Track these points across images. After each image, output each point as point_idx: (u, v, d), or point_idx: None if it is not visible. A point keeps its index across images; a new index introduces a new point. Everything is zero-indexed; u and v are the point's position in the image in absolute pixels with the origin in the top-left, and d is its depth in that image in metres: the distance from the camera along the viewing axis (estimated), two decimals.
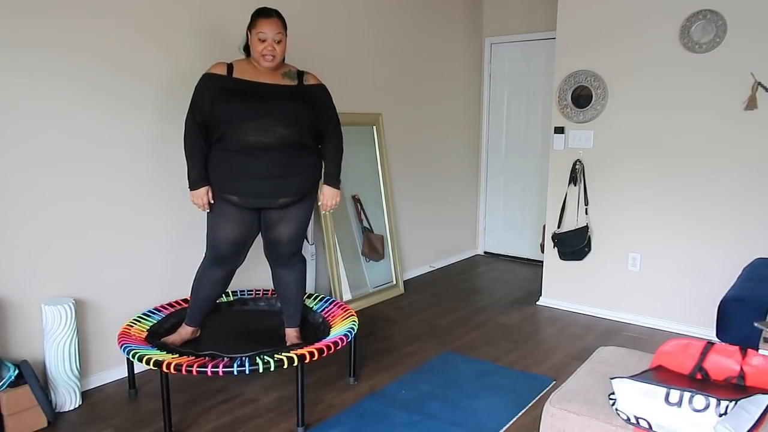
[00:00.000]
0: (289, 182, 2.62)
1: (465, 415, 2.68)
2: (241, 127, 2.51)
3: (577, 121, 4.00)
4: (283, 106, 2.56)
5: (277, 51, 2.56)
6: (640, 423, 1.68)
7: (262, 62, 2.57)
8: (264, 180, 2.57)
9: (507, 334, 3.72)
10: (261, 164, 2.55)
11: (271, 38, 2.54)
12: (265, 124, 2.51)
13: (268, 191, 2.59)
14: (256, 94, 2.56)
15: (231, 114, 2.51)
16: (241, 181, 2.57)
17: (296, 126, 2.58)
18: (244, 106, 2.52)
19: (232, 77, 2.58)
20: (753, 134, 3.41)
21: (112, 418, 2.69)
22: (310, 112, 2.63)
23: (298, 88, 2.65)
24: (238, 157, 2.55)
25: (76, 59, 2.73)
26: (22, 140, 2.61)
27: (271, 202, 2.63)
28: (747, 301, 2.44)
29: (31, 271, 2.69)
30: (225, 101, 2.52)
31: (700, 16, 3.47)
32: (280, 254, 2.79)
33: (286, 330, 2.88)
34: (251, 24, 2.59)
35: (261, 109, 2.53)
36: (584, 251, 4.03)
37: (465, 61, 5.33)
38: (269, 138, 2.53)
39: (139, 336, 2.72)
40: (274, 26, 2.54)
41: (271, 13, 2.58)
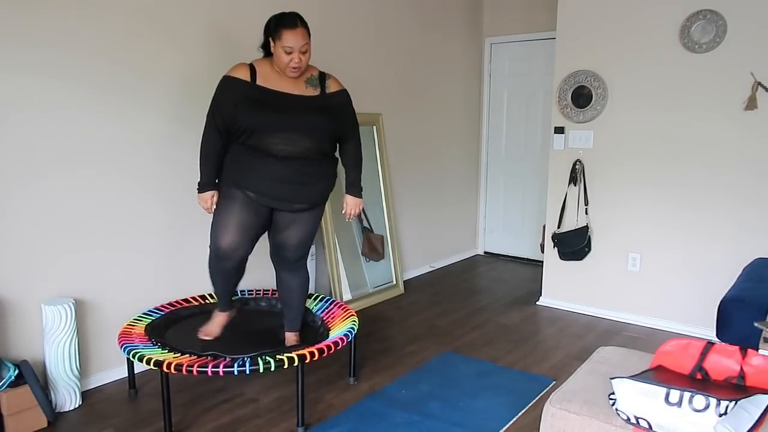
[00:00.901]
0: (308, 189, 2.62)
1: (465, 415, 2.68)
2: (266, 138, 2.51)
3: (577, 121, 4.00)
4: (309, 120, 2.55)
5: (303, 62, 2.53)
6: (640, 423, 1.68)
7: (287, 74, 2.54)
8: (285, 184, 2.57)
9: (507, 334, 3.72)
10: (284, 169, 2.55)
11: (298, 50, 2.49)
12: (290, 136, 2.51)
13: (287, 195, 2.60)
14: (282, 106, 2.53)
15: (256, 125, 2.50)
16: (262, 181, 2.56)
17: (320, 138, 2.58)
18: (270, 119, 2.50)
19: (256, 85, 2.53)
20: (753, 134, 3.41)
21: (112, 418, 2.69)
22: (333, 123, 2.63)
23: (322, 99, 2.63)
24: (262, 157, 2.54)
25: (77, 58, 2.73)
26: (22, 140, 2.61)
27: (287, 206, 2.63)
28: (747, 301, 2.44)
29: (31, 271, 2.69)
30: (249, 111, 2.50)
31: (700, 16, 3.47)
32: (286, 258, 2.77)
33: (286, 334, 2.88)
34: (275, 34, 2.51)
35: (286, 123, 2.51)
36: (584, 251, 4.03)
37: (465, 60, 5.33)
38: (294, 148, 2.53)
39: (139, 335, 2.72)
40: (300, 37, 2.49)
41: (296, 22, 2.51)
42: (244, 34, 3.42)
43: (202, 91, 3.25)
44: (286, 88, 2.56)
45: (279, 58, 2.51)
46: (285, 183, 2.57)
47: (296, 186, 2.59)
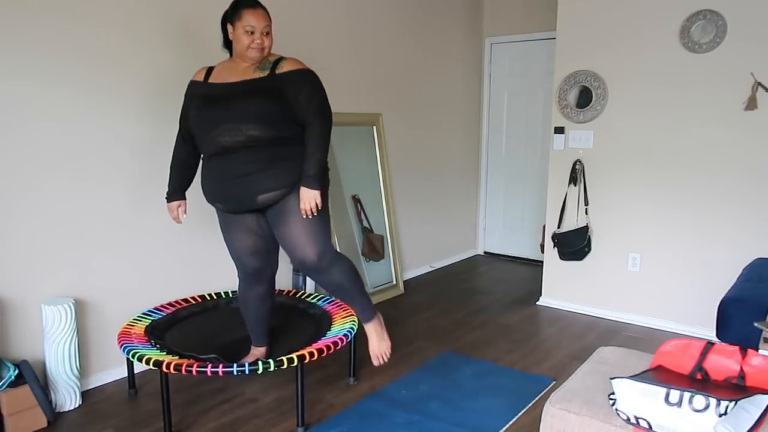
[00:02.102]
0: (263, 176, 2.34)
1: (465, 415, 2.68)
2: (209, 134, 2.34)
3: (577, 121, 4.00)
4: (246, 105, 2.30)
5: (266, 43, 2.36)
6: (640, 423, 1.68)
7: (248, 54, 2.34)
8: (238, 179, 2.35)
9: (507, 334, 3.72)
10: (232, 164, 2.35)
11: (260, 30, 2.33)
12: (231, 126, 2.30)
13: (243, 191, 2.36)
14: (220, 97, 2.35)
15: (197, 122, 2.39)
16: (219, 187, 2.41)
17: (266, 123, 2.30)
18: (208, 113, 2.35)
19: (207, 82, 2.43)
20: (753, 134, 3.41)
21: (112, 418, 2.69)
22: (277, 104, 2.32)
23: (266, 81, 2.34)
24: (213, 162, 2.40)
25: (75, 63, 2.73)
26: (22, 142, 2.61)
27: (251, 203, 2.39)
28: (747, 301, 2.44)
29: (31, 271, 2.69)
30: (195, 110, 2.41)
31: (700, 16, 3.47)
32: (302, 261, 2.47)
33: (365, 325, 2.69)
34: (234, 16, 2.35)
35: (224, 114, 2.31)
36: (584, 251, 4.03)
37: (465, 61, 5.33)
38: (239, 138, 2.30)
39: (139, 335, 2.72)
40: (261, 18, 2.34)
41: (257, 3, 2.36)
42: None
43: None
44: (234, 78, 2.37)
45: (239, 41, 2.33)
46: (238, 178, 2.35)
47: (250, 177, 2.34)
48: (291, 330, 2.97)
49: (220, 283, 3.48)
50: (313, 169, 2.34)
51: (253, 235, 2.55)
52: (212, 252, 3.42)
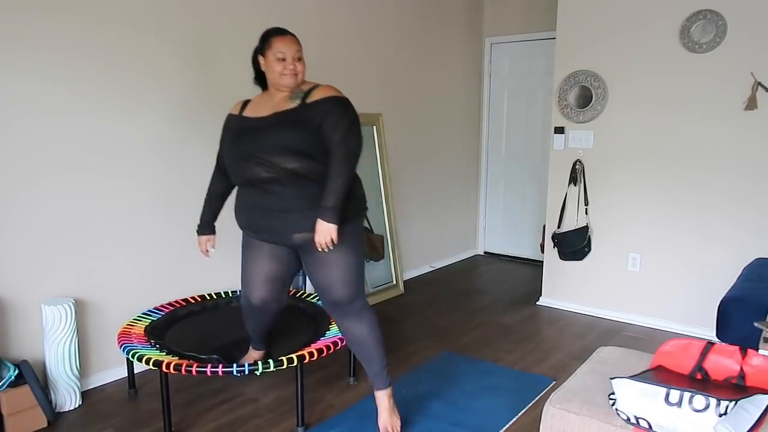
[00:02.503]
0: (300, 215, 2.24)
1: (465, 415, 2.68)
2: (242, 167, 2.27)
3: (577, 121, 4.00)
4: (277, 137, 2.21)
5: (298, 69, 2.27)
6: (640, 423, 1.68)
7: (282, 82, 2.26)
8: (273, 213, 2.27)
9: (507, 334, 3.72)
10: (268, 198, 2.26)
11: (291, 56, 2.26)
12: (264, 160, 2.20)
13: (279, 226, 2.29)
14: (252, 129, 2.28)
15: (231, 154, 2.33)
16: (253, 217, 2.34)
17: (300, 156, 2.19)
18: (239, 146, 2.28)
19: (241, 116, 2.36)
20: (753, 134, 3.41)
21: (112, 418, 2.69)
22: (312, 136, 2.20)
23: (296, 112, 2.25)
24: (248, 191, 2.33)
25: (77, 59, 2.73)
26: (22, 140, 2.61)
27: (285, 239, 2.31)
28: (747, 301, 2.44)
29: (31, 271, 2.69)
30: (228, 143, 2.36)
31: (700, 16, 3.46)
32: (335, 303, 2.38)
33: (376, 392, 2.50)
34: (264, 46, 2.30)
35: (255, 147, 2.23)
36: (584, 251, 4.03)
37: (465, 61, 5.33)
38: (274, 172, 2.20)
39: (138, 335, 2.72)
40: (292, 43, 2.28)
41: (285, 31, 2.32)
42: (245, 41, 3.42)
43: (202, 96, 3.26)
44: (266, 111, 2.30)
45: (272, 69, 2.27)
46: (276, 212, 2.26)
47: (284, 214, 2.25)
48: (290, 330, 2.97)
49: (220, 283, 3.48)
50: (331, 200, 2.17)
51: (275, 261, 2.44)
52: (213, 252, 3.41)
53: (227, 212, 3.46)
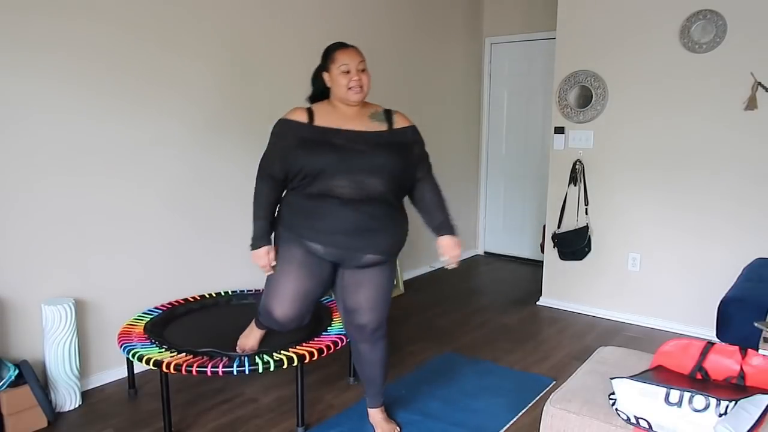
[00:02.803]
0: (382, 237, 2.25)
1: (465, 415, 2.68)
2: (331, 181, 2.17)
3: (577, 121, 4.00)
4: (377, 159, 2.20)
5: (363, 81, 2.23)
6: (640, 423, 1.68)
7: (350, 97, 2.22)
8: (356, 232, 2.21)
9: (507, 334, 3.72)
10: (353, 214, 2.20)
11: (355, 68, 2.21)
12: (358, 179, 2.17)
13: (357, 244, 2.23)
14: (346, 144, 2.20)
15: (318, 169, 2.17)
16: (329, 230, 2.22)
17: (391, 179, 2.23)
18: (334, 161, 2.17)
19: (314, 125, 2.23)
20: (753, 134, 3.41)
21: (112, 418, 2.69)
22: (402, 162, 2.27)
23: (390, 135, 2.28)
24: (328, 204, 2.21)
25: (78, 63, 2.74)
26: (22, 140, 2.61)
27: (356, 258, 2.26)
28: (747, 301, 2.44)
29: (31, 271, 2.69)
30: (310, 153, 2.18)
31: (700, 16, 3.46)
32: (361, 327, 2.38)
33: (370, 410, 2.59)
34: (327, 61, 2.27)
35: (353, 164, 2.18)
36: (584, 251, 4.03)
37: (465, 61, 5.33)
38: (362, 194, 2.19)
39: (138, 335, 2.72)
40: (355, 55, 2.24)
41: (346, 44, 2.29)
42: (250, 43, 3.42)
43: (203, 97, 3.26)
44: (350, 125, 2.24)
45: (337, 83, 2.22)
46: (356, 231, 2.21)
47: (369, 233, 2.23)
48: None
49: (220, 284, 3.48)
50: (450, 216, 2.39)
51: (313, 280, 2.33)
52: (212, 252, 3.42)
53: (228, 212, 3.47)
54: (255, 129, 3.56)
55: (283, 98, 3.70)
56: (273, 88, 3.63)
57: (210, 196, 3.37)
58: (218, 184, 3.41)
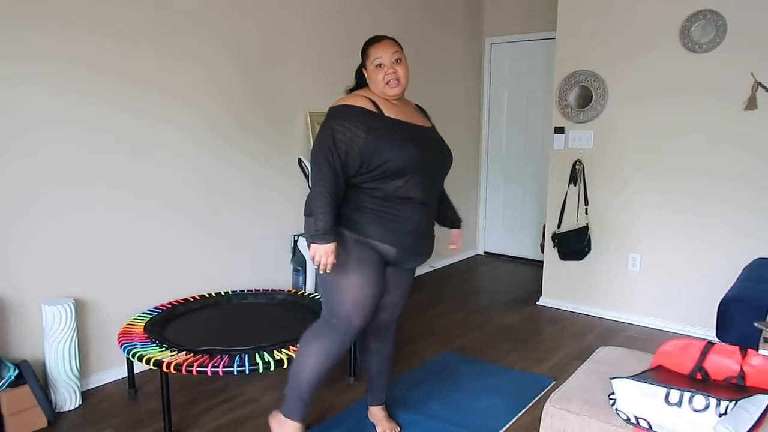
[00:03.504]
0: (432, 239, 2.29)
1: (465, 415, 2.68)
2: (411, 181, 2.09)
3: (577, 121, 4.00)
4: (445, 156, 2.24)
5: (399, 72, 2.13)
6: (640, 423, 1.68)
7: (387, 92, 2.13)
8: (423, 234, 2.21)
9: (507, 334, 3.72)
10: (422, 214, 2.17)
11: (389, 60, 2.12)
12: (432, 176, 2.17)
13: (421, 247, 2.23)
14: (423, 140, 2.15)
15: (402, 164, 2.05)
16: (407, 234, 2.14)
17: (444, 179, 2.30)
18: (418, 156, 2.08)
19: (385, 115, 2.11)
20: (753, 134, 3.41)
21: (112, 418, 2.69)
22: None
23: (436, 132, 2.29)
24: (404, 205, 2.12)
25: (79, 68, 2.73)
26: (22, 141, 2.61)
27: (416, 261, 2.27)
28: (747, 301, 2.44)
29: (31, 271, 2.69)
30: (394, 147, 2.04)
31: (700, 16, 3.47)
32: (380, 322, 2.38)
33: (371, 408, 2.59)
34: (363, 59, 2.20)
35: (432, 161, 2.15)
36: (584, 251, 4.03)
37: (465, 61, 5.33)
38: (430, 194, 2.17)
39: (139, 335, 2.71)
40: (388, 47, 2.14)
41: (381, 37, 2.20)
42: (252, 45, 3.42)
43: (201, 98, 3.26)
44: (413, 119, 2.19)
45: (375, 79, 2.14)
46: (423, 233, 2.20)
47: (429, 236, 2.25)
48: (293, 323, 2.95)
49: (220, 284, 3.48)
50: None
51: (383, 283, 2.26)
52: (213, 252, 3.42)
53: (228, 212, 3.48)
54: (255, 129, 3.56)
55: (285, 99, 3.71)
56: (274, 89, 3.63)
57: (210, 197, 3.37)
58: (218, 184, 3.41)
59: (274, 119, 3.67)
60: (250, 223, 3.61)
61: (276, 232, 3.78)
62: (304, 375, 2.20)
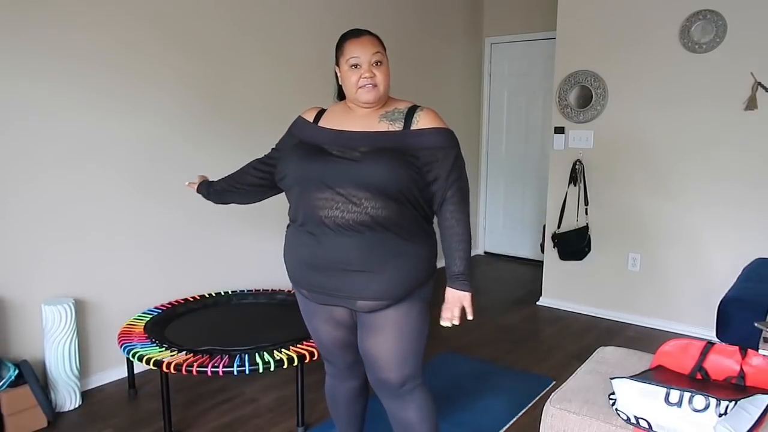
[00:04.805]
0: (370, 278, 1.73)
1: (465, 414, 2.68)
2: (309, 196, 1.75)
3: (577, 121, 4.00)
4: (372, 166, 1.70)
5: (377, 77, 1.77)
6: (640, 423, 1.68)
7: (361, 97, 1.78)
8: (335, 270, 1.75)
9: (507, 334, 3.72)
10: (333, 249, 1.73)
11: (367, 61, 1.76)
12: (342, 192, 1.70)
13: (341, 288, 1.77)
14: (329, 146, 1.78)
15: (296, 175, 1.79)
16: (307, 270, 1.81)
17: (388, 197, 1.70)
18: (315, 166, 1.75)
19: (316, 125, 1.87)
20: (753, 134, 3.41)
21: (112, 418, 2.69)
22: (409, 174, 1.72)
23: (400, 137, 1.76)
24: (306, 235, 1.79)
25: (76, 63, 2.74)
26: (22, 141, 2.61)
27: (347, 303, 1.80)
28: (747, 301, 2.44)
29: (31, 271, 2.69)
30: (295, 156, 1.82)
31: (700, 16, 3.46)
32: (381, 380, 1.90)
33: None
34: (338, 53, 1.83)
35: (337, 171, 1.72)
36: (584, 251, 4.03)
37: (465, 61, 5.33)
38: (347, 214, 1.70)
39: (139, 335, 2.71)
40: (367, 45, 1.78)
41: (360, 31, 1.84)
42: (249, 46, 3.42)
43: (199, 97, 3.26)
44: (350, 125, 1.82)
45: (347, 80, 1.80)
46: (338, 270, 1.75)
47: (354, 274, 1.74)
48: (293, 323, 2.95)
49: (220, 284, 3.48)
50: (463, 263, 1.82)
51: (342, 328, 1.92)
52: (213, 252, 3.42)
53: (228, 212, 3.47)
54: (256, 129, 3.56)
55: (286, 99, 3.71)
56: (276, 89, 3.63)
57: None
58: None
59: (275, 119, 3.66)
60: (251, 223, 3.61)
61: (276, 232, 3.78)
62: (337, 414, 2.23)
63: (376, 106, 1.84)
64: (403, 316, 1.82)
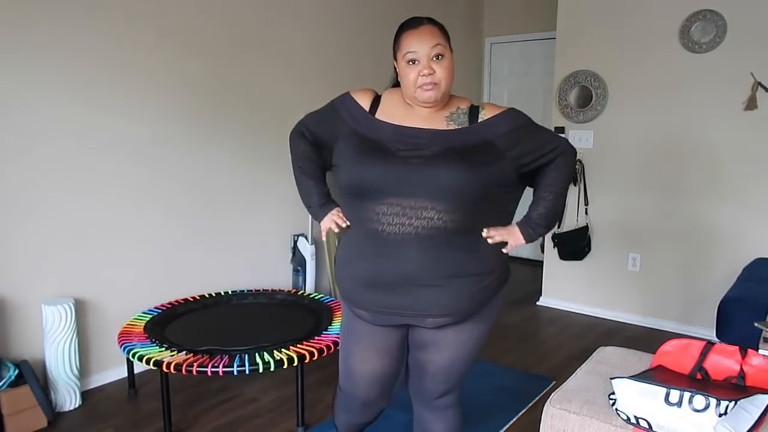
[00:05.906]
0: (442, 292, 1.56)
1: (465, 415, 2.68)
2: (366, 202, 1.54)
3: (577, 121, 4.00)
4: (448, 168, 1.52)
5: (438, 74, 1.62)
6: (640, 423, 1.68)
7: (420, 97, 1.62)
8: (401, 284, 1.56)
9: (507, 334, 3.72)
10: (398, 263, 1.54)
11: (426, 56, 1.60)
12: (407, 200, 1.51)
13: (410, 305, 1.58)
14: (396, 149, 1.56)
15: (351, 176, 1.58)
16: (367, 288, 1.60)
17: (467, 199, 1.53)
18: (375, 168, 1.54)
19: (372, 117, 1.66)
20: (753, 134, 3.41)
21: (112, 418, 2.69)
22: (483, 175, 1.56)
23: (472, 131, 1.63)
24: (361, 239, 1.60)
25: (78, 63, 2.73)
26: (23, 142, 2.61)
27: (416, 321, 1.63)
28: (747, 301, 2.45)
29: (31, 271, 2.69)
30: (348, 151, 1.61)
31: (700, 16, 3.47)
32: (423, 390, 1.82)
33: None
34: (395, 46, 1.68)
35: (403, 174, 1.52)
36: (584, 251, 4.03)
37: (465, 61, 5.33)
38: (413, 223, 1.51)
39: (139, 335, 2.71)
40: (426, 37, 1.62)
41: (421, 20, 1.67)
42: (247, 46, 3.42)
43: (199, 97, 3.26)
44: (417, 122, 1.63)
45: (405, 79, 1.63)
46: (403, 287, 1.56)
47: (422, 290, 1.56)
48: (293, 323, 2.95)
49: (220, 284, 3.48)
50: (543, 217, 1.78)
51: (387, 357, 1.77)
52: (213, 252, 3.42)
53: (228, 212, 3.47)
54: (255, 129, 3.56)
55: (283, 98, 3.70)
56: (273, 88, 3.63)
57: (211, 197, 3.37)
58: (218, 184, 3.40)
59: (273, 119, 3.66)
60: (250, 223, 3.61)
61: (276, 232, 3.78)
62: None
63: (438, 106, 1.68)
64: (467, 335, 1.69)
